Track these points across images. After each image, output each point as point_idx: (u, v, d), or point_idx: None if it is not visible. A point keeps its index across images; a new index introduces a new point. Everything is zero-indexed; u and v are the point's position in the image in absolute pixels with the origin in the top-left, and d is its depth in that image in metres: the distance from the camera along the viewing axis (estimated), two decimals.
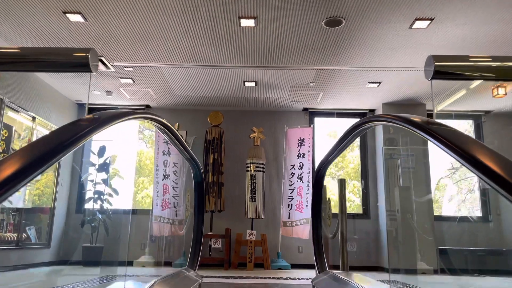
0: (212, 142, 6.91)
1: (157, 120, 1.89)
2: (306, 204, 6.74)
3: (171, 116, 7.56)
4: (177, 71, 5.86)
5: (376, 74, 5.81)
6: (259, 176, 6.68)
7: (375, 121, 1.93)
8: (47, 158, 0.95)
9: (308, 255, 7.02)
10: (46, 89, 6.48)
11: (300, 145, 7.00)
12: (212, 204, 6.67)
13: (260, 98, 6.93)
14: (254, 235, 6.49)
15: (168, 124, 2.00)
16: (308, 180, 6.81)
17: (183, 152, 2.49)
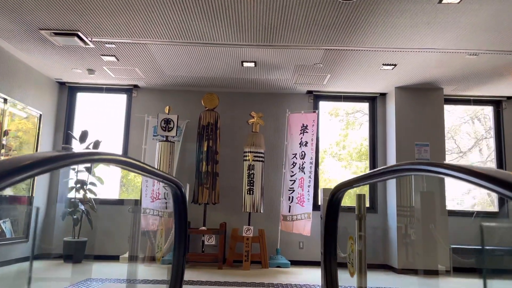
0: (206, 127, 6.25)
1: (114, 161, 1.22)
2: (307, 197, 6.16)
3: (161, 97, 6.87)
4: (166, 49, 5.15)
5: (392, 55, 5.11)
6: (257, 167, 6.06)
7: (431, 171, 1.18)
8: None
9: (310, 251, 6.49)
10: (20, 66, 5.77)
11: (303, 132, 6.36)
12: (206, 196, 6.08)
13: (260, 80, 6.24)
14: (252, 231, 5.93)
15: (130, 161, 1.32)
16: (310, 172, 6.19)
17: (157, 178, 1.84)
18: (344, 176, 7.00)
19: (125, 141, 6.77)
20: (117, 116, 6.90)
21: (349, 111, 7.24)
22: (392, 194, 6.32)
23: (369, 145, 6.88)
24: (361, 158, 7.11)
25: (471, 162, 7.24)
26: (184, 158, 6.70)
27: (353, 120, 7.16)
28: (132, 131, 6.79)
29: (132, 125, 6.80)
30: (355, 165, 7.14)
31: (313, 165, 6.19)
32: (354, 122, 7.17)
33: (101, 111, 6.97)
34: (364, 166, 7.05)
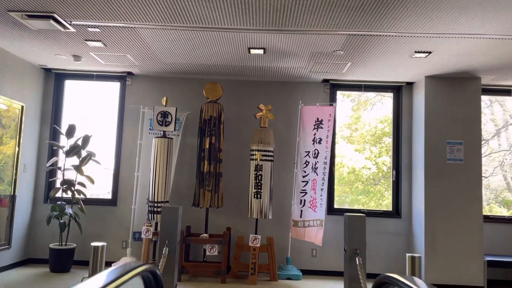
0: (208, 122, 5.52)
1: None
2: (320, 202, 5.45)
3: (158, 85, 6.12)
4: (159, 34, 4.37)
5: (428, 41, 4.27)
6: (266, 167, 5.35)
7: None
8: None
9: (324, 259, 5.83)
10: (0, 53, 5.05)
11: (317, 127, 5.59)
12: (208, 199, 5.40)
13: (269, 68, 5.45)
14: (259, 241, 5.26)
15: None
16: (324, 173, 5.46)
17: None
18: (357, 161, 6.26)
19: (119, 135, 6.07)
20: (109, 106, 6.18)
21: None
22: (419, 196, 5.58)
23: (393, 140, 6.10)
24: (376, 141, 6.39)
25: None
26: (184, 154, 6.00)
27: (364, 100, 6.36)
28: (127, 124, 6.08)
29: (126, 117, 6.08)
30: (369, 149, 6.36)
31: (327, 166, 5.46)
32: (366, 102, 6.36)
33: (92, 101, 6.26)
34: (377, 151, 6.30)
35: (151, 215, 5.34)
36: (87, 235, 5.84)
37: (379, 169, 6.32)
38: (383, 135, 6.36)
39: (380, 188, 6.35)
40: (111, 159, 6.05)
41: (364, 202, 6.22)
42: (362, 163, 6.27)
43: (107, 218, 5.91)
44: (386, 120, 6.38)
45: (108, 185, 6.05)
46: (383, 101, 6.38)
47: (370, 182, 6.26)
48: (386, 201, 6.16)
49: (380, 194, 6.35)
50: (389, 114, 6.28)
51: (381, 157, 6.36)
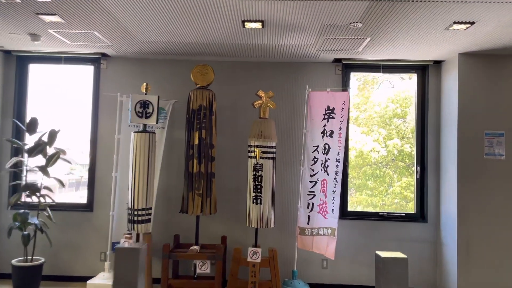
0: (197, 112, 4.59)
1: None
2: (331, 207, 4.57)
3: (139, 69, 5.18)
4: (128, 5, 3.41)
5: (472, 9, 3.30)
6: (267, 166, 4.44)
7: None
8: None
9: (336, 272, 4.99)
10: None
11: (328, 117, 4.66)
12: (198, 205, 4.52)
13: (269, 46, 4.49)
14: (259, 255, 4.41)
15: None
16: (336, 173, 4.56)
17: None
18: (365, 144, 5.37)
19: (94, 129, 5.16)
20: (82, 95, 5.26)
21: None
22: (450, 197, 4.68)
23: (416, 130, 5.17)
24: (386, 123, 5.55)
25: None
26: (172, 151, 5.11)
27: (371, 79, 5.45)
28: (103, 116, 5.16)
29: (102, 107, 5.17)
30: (378, 131, 5.50)
31: (340, 165, 4.55)
32: (373, 81, 5.44)
33: (61, 88, 5.33)
34: (386, 133, 5.45)
35: (130, 224, 4.48)
36: (59, 246, 5.01)
37: (389, 152, 5.50)
38: (394, 116, 5.53)
39: (389, 172, 5.52)
40: (86, 157, 5.17)
41: (373, 187, 5.36)
42: (370, 146, 5.46)
43: (83, 226, 5.06)
44: (398, 101, 5.58)
45: (83, 187, 5.18)
46: (391, 79, 5.47)
47: (379, 165, 5.43)
48: (395, 186, 5.35)
49: (389, 177, 5.51)
50: (402, 93, 5.39)
51: (391, 140, 5.51)
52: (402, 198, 5.35)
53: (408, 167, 5.31)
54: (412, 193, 5.20)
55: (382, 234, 5.02)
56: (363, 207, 5.25)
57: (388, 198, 5.33)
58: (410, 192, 5.26)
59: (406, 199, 5.31)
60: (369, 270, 4.96)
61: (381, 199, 5.33)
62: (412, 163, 5.26)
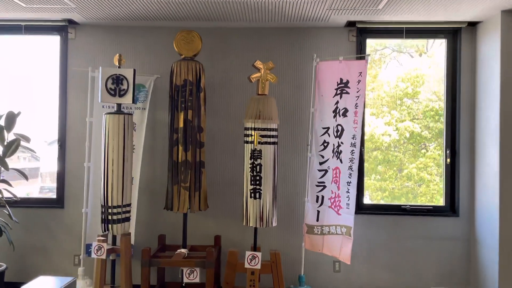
0: (182, 89, 3.78)
1: None
2: (346, 201, 3.78)
3: (113, 38, 4.36)
4: None
5: None
6: (267, 152, 3.64)
7: None
8: None
9: (351, 275, 4.25)
10: None
11: (341, 93, 3.83)
12: (185, 200, 3.75)
13: (268, 6, 3.63)
14: (259, 261, 3.65)
15: None
16: (352, 160, 3.76)
17: None
18: (376, 127, 4.61)
19: (62, 111, 4.37)
20: (47, 70, 4.46)
21: (377, 47, 4.67)
22: (490, 186, 3.88)
23: (446, 107, 4.34)
24: (395, 104, 4.86)
25: None
26: (156, 136, 4.32)
27: (378, 57, 4.70)
28: (72, 95, 4.37)
29: (70, 85, 4.37)
30: (390, 112, 4.82)
31: (356, 150, 3.73)
32: (380, 60, 4.69)
33: (22, 63, 4.53)
34: (397, 115, 4.79)
35: (104, 225, 3.73)
36: (25, 249, 4.28)
37: (401, 135, 4.84)
38: (404, 96, 4.90)
39: (401, 156, 4.89)
40: (54, 145, 4.40)
41: (383, 171, 4.69)
42: (381, 129, 4.76)
43: (52, 226, 4.32)
44: (409, 79, 4.92)
45: (52, 180, 4.44)
46: (399, 58, 4.84)
47: (391, 149, 4.79)
48: (407, 171, 4.70)
49: (401, 162, 4.86)
50: (413, 71, 4.70)
51: (403, 122, 4.85)
52: (419, 180, 4.70)
53: (420, 148, 4.73)
54: (430, 174, 4.51)
55: (405, 230, 4.24)
56: (371, 192, 4.50)
57: (398, 182, 4.70)
58: (427, 173, 4.58)
59: (422, 181, 4.65)
60: (390, 273, 4.21)
61: (391, 183, 4.69)
62: (423, 144, 4.60)
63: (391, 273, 4.22)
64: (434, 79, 4.88)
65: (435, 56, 4.80)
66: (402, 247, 4.22)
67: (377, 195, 4.70)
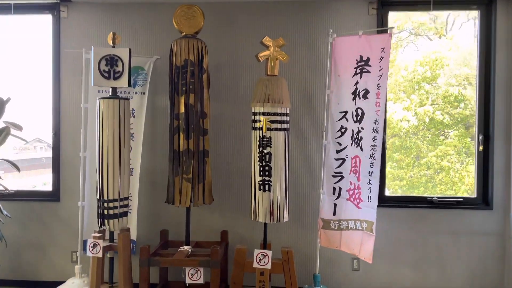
0: (182, 70, 3.40)
1: None
2: (367, 193, 3.38)
3: (107, 17, 4.00)
4: None
5: None
6: (277, 140, 3.25)
7: None
8: None
9: (371, 274, 3.87)
10: None
11: (361, 72, 3.40)
12: (187, 193, 3.40)
13: None
14: (269, 260, 3.29)
15: None
16: (374, 148, 3.34)
17: None
18: (393, 112, 4.24)
19: (55, 96, 4.04)
20: (39, 52, 4.13)
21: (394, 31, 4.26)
22: None
23: (478, 88, 3.88)
24: (414, 89, 4.53)
25: None
26: (156, 123, 3.98)
27: (395, 41, 4.31)
28: (65, 79, 4.03)
29: (64, 68, 4.03)
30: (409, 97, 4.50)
31: (379, 136, 3.31)
32: (397, 44, 4.30)
33: (11, 44, 4.20)
34: (416, 99, 4.48)
35: (100, 220, 3.41)
36: (20, 245, 4.01)
37: (419, 121, 4.52)
38: (423, 80, 4.57)
39: (419, 143, 4.55)
40: (48, 133, 4.09)
41: (399, 159, 4.36)
42: (400, 115, 4.52)
43: (48, 220, 4.03)
44: (427, 63, 4.58)
45: (46, 171, 4.13)
46: (417, 42, 4.52)
47: (410, 136, 4.55)
48: (426, 160, 4.39)
49: (419, 149, 4.52)
50: (432, 54, 4.37)
51: (422, 107, 4.52)
52: (439, 168, 4.39)
53: (439, 134, 4.44)
54: (450, 162, 4.16)
55: (432, 225, 3.83)
56: (388, 182, 4.10)
57: (416, 170, 4.39)
58: (446, 161, 4.26)
59: (442, 169, 4.33)
60: (414, 272, 3.82)
61: (408, 171, 4.38)
62: (443, 131, 4.31)
63: (416, 272, 3.83)
64: (455, 62, 4.58)
65: (455, 38, 4.46)
66: (428, 244, 3.82)
67: (395, 184, 4.37)
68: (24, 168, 4.13)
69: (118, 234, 3.42)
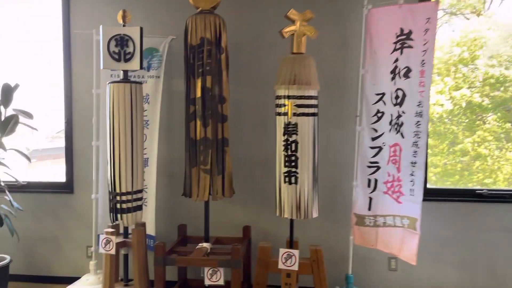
0: (198, 50, 3.07)
1: None
2: (410, 186, 2.98)
3: None
4: None
5: None
6: (304, 127, 2.87)
7: None
8: None
9: (410, 275, 3.48)
10: None
11: (401, 47, 2.96)
12: (206, 186, 3.09)
13: None
14: (296, 260, 2.96)
15: None
16: (418, 134, 2.93)
17: None
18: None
19: (67, 82, 3.79)
20: (48, 35, 3.89)
21: None
22: None
23: None
24: (449, 72, 4.27)
25: None
26: (173, 109, 3.68)
27: None
28: (77, 63, 3.77)
29: (74, 51, 3.77)
30: (442, 80, 4.25)
31: (424, 121, 2.88)
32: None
33: (19, 28, 3.97)
34: (451, 82, 4.22)
35: (112, 214, 3.16)
36: (33, 239, 3.84)
37: (455, 105, 4.22)
38: (460, 62, 4.31)
39: (454, 128, 4.32)
40: (60, 121, 3.86)
41: (432, 145, 4.06)
42: (433, 99, 4.21)
43: (61, 213, 3.83)
44: (465, 43, 4.29)
45: (59, 162, 3.92)
46: (451, 22, 4.32)
47: (445, 121, 4.33)
48: (461, 146, 4.17)
49: (454, 135, 4.28)
50: (470, 34, 4.24)
51: (458, 90, 4.23)
52: (475, 156, 4.16)
53: (477, 119, 4.24)
54: (488, 149, 3.91)
55: (481, 221, 3.39)
56: None
57: (451, 157, 4.25)
58: (484, 147, 4.03)
59: (479, 157, 4.12)
60: (460, 272, 3.41)
61: (443, 158, 4.18)
62: (479, 115, 4.13)
63: (462, 273, 3.42)
64: (495, 42, 4.30)
65: (495, 16, 4.04)
66: (476, 242, 3.39)
67: (429, 172, 4.03)
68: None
69: (132, 230, 3.17)
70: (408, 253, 2.98)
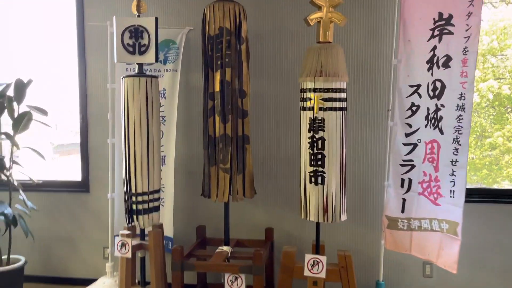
0: (217, 40, 2.86)
1: None
2: (449, 187, 2.70)
3: None
4: None
5: None
6: (332, 122, 2.63)
7: None
8: None
9: (447, 282, 3.21)
10: None
11: (440, 33, 2.68)
12: (226, 186, 2.90)
13: None
14: (323, 267, 2.73)
15: None
16: (458, 129, 2.64)
17: None
18: None
19: (81, 76, 3.64)
20: (62, 28, 3.75)
21: None
22: None
23: None
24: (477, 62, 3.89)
25: None
26: (191, 104, 3.49)
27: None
28: (91, 56, 3.62)
29: (88, 45, 3.62)
30: None
31: (466, 116, 2.60)
32: None
33: (32, 22, 3.85)
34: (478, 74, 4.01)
35: (128, 216, 3.00)
36: (49, 239, 3.73)
37: (482, 97, 4.06)
38: (489, 52, 4.11)
39: (481, 121, 4.13)
40: (75, 118, 3.72)
41: None
42: None
43: (77, 213, 3.71)
44: (494, 31, 4.18)
45: (74, 160, 3.79)
46: None
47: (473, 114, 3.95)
48: (490, 140, 4.04)
49: (482, 129, 4.09)
50: (499, 22, 4.04)
51: (486, 82, 4.07)
52: (505, 150, 3.98)
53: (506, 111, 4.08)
54: None
55: None
56: None
57: (479, 151, 4.12)
58: None
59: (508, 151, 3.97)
60: (503, 280, 3.12)
61: (470, 153, 3.87)
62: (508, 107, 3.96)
63: (504, 281, 3.13)
64: None
65: None
66: None
67: None
68: None
69: (149, 232, 3.00)
70: (447, 260, 2.71)
